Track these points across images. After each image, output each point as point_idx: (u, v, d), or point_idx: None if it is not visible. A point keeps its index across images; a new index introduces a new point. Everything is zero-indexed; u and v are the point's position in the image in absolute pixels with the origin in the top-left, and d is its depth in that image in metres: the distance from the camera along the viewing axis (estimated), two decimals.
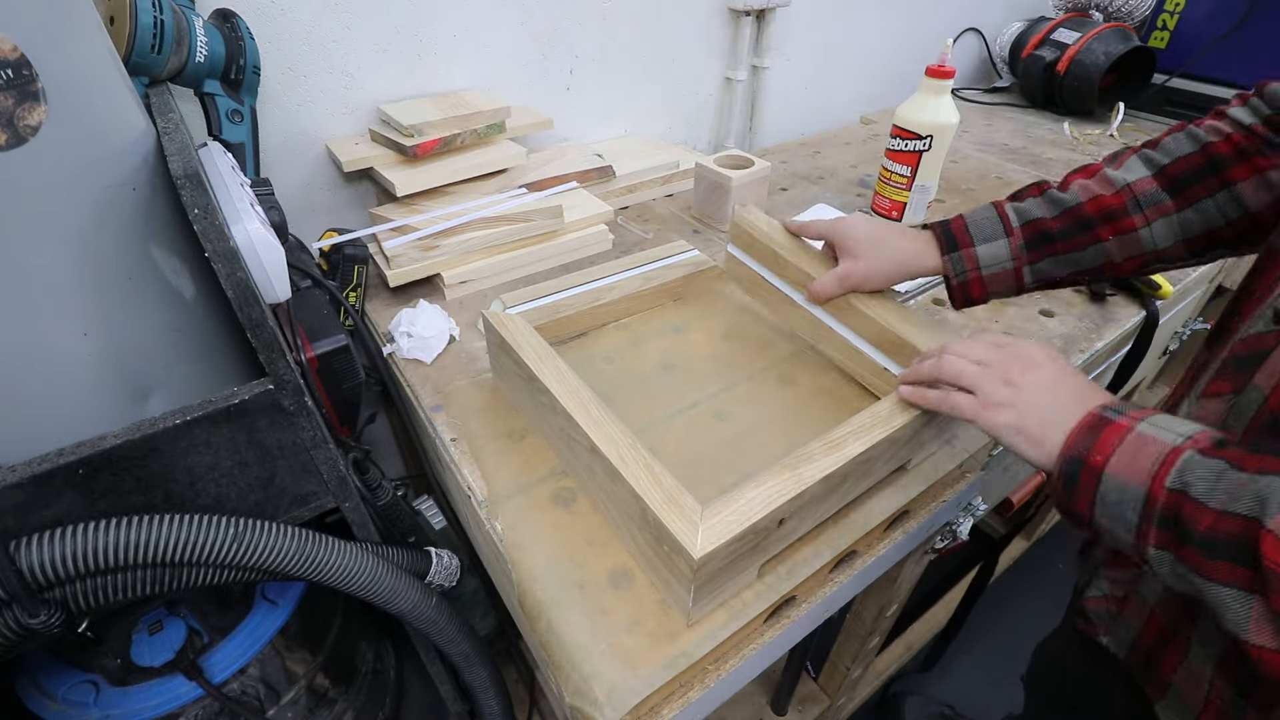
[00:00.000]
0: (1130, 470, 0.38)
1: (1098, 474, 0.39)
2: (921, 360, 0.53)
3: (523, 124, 0.94)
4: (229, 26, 0.69)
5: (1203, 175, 0.53)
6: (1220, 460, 0.35)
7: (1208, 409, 0.47)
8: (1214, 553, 0.34)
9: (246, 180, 0.56)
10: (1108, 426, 0.40)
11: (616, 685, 0.44)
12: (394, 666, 0.86)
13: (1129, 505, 0.38)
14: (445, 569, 0.66)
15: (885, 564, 0.61)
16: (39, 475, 0.38)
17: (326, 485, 0.52)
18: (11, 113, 0.35)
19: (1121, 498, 0.38)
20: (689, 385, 0.67)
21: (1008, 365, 0.47)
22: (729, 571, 0.46)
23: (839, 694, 1.13)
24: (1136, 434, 0.39)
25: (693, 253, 0.80)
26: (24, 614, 0.39)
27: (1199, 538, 0.35)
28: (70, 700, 0.55)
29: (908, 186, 1.00)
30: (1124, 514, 0.38)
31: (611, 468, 0.47)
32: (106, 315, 0.42)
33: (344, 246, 0.76)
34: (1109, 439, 0.40)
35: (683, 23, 1.15)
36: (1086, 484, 0.40)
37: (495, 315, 0.62)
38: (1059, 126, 1.48)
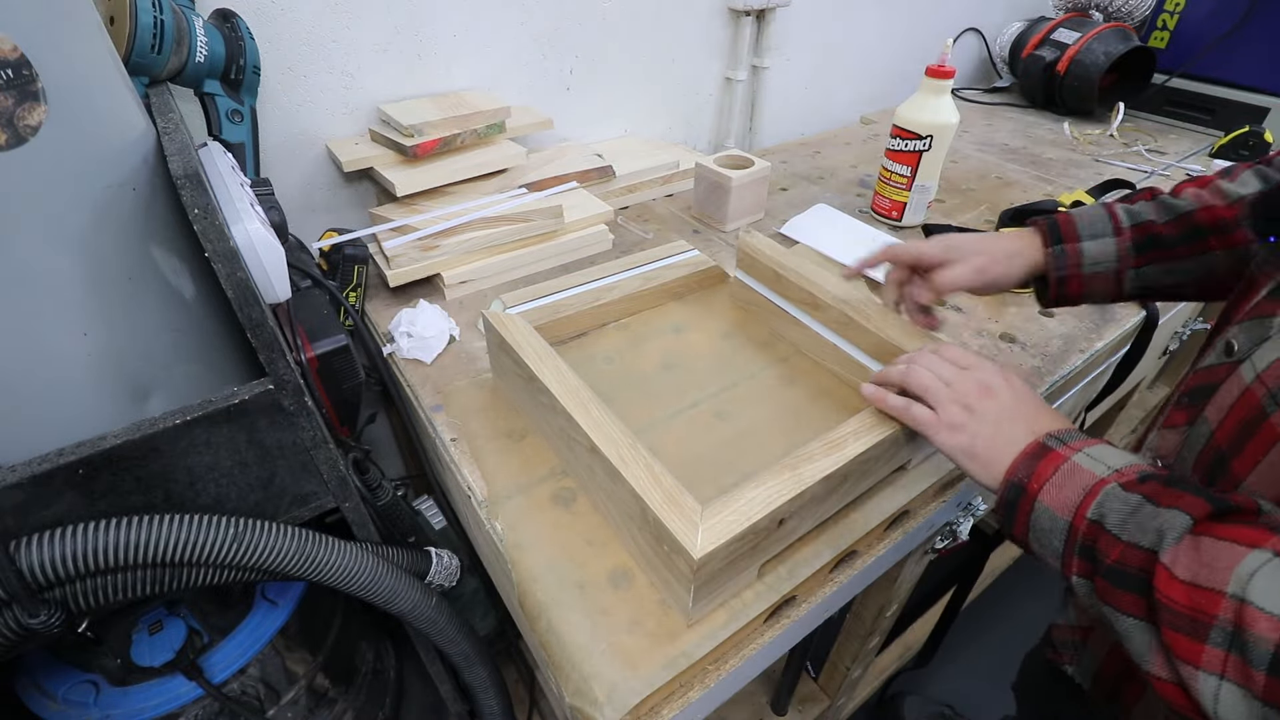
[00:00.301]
0: (1058, 501, 0.39)
1: (1032, 501, 0.41)
2: (893, 364, 0.53)
3: (523, 124, 0.94)
4: (229, 26, 0.69)
5: None
6: (1138, 495, 0.37)
7: (1166, 440, 0.48)
8: (1119, 583, 0.36)
9: (246, 180, 0.56)
10: (1046, 455, 0.42)
11: (616, 685, 0.44)
12: (394, 666, 0.86)
13: (1056, 534, 0.39)
14: (445, 569, 0.66)
15: (885, 564, 0.61)
16: (39, 475, 0.38)
17: (326, 485, 0.52)
18: (11, 113, 0.35)
19: (1050, 526, 0.40)
20: (689, 385, 0.67)
21: (968, 389, 0.47)
22: (729, 571, 0.46)
23: (839, 694, 1.13)
24: (1070, 464, 0.40)
25: (693, 253, 0.80)
26: (24, 614, 0.39)
27: (1107, 569, 0.36)
28: (70, 700, 0.55)
29: (908, 186, 1.00)
30: (1052, 542, 0.40)
31: (611, 468, 0.47)
32: (106, 315, 0.42)
33: (344, 246, 0.76)
34: (1046, 468, 0.41)
35: (683, 23, 1.15)
36: (1023, 510, 0.41)
37: (495, 315, 0.62)
38: (1059, 126, 1.48)
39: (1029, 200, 1.10)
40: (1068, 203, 1.03)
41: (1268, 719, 0.30)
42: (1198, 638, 0.32)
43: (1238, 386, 0.42)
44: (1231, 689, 0.31)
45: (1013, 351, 0.78)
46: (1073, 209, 0.61)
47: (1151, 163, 1.30)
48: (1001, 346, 0.78)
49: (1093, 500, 0.38)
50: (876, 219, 1.06)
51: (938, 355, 0.51)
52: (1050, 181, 1.21)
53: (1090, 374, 0.88)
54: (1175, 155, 1.34)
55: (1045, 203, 1.04)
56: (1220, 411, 0.43)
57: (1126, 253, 0.57)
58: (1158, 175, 1.25)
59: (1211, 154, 1.33)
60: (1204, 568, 0.33)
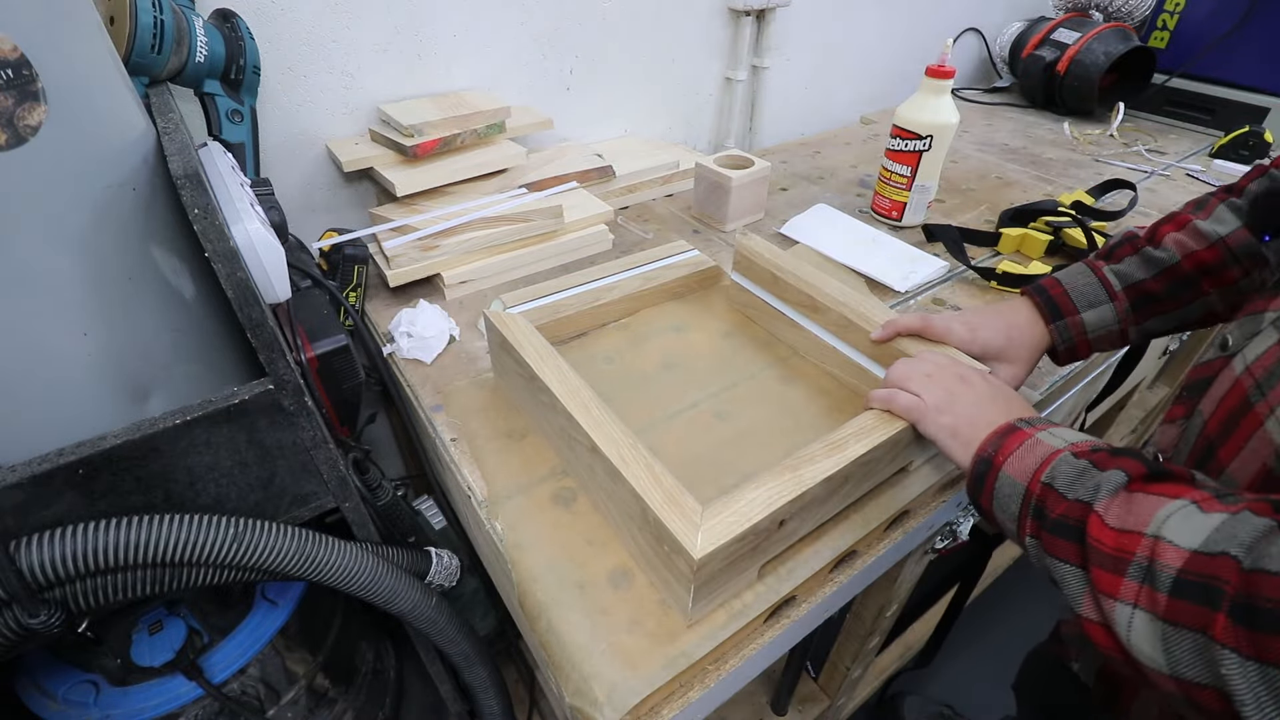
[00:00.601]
0: (1018, 469, 0.43)
1: (997, 472, 0.44)
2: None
3: (523, 124, 0.94)
4: (229, 26, 0.69)
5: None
6: (1086, 461, 0.40)
7: (1165, 434, 0.50)
8: (1059, 533, 0.39)
9: (246, 180, 0.56)
10: (1014, 433, 0.45)
11: (616, 685, 0.44)
12: (394, 666, 0.86)
13: (1015, 499, 0.43)
14: (445, 569, 0.66)
15: (885, 564, 0.61)
16: (39, 475, 0.38)
17: (326, 485, 0.52)
18: (11, 113, 0.35)
19: (1011, 492, 0.43)
20: (689, 385, 0.67)
21: (948, 379, 0.52)
22: (729, 572, 0.46)
23: (839, 694, 1.13)
24: (1033, 440, 0.44)
25: (692, 253, 0.80)
26: (24, 614, 0.39)
27: (1051, 523, 0.40)
28: (70, 700, 0.55)
29: (908, 186, 1.00)
30: (1010, 507, 0.43)
31: (612, 467, 0.47)
32: (106, 315, 0.42)
33: (344, 246, 0.76)
34: (1012, 444, 0.45)
35: (683, 23, 1.15)
36: (989, 481, 0.45)
37: (497, 315, 0.62)
38: (1059, 126, 1.48)
39: (1029, 200, 1.10)
40: (1067, 203, 1.03)
41: (1168, 637, 0.33)
42: (1118, 573, 0.35)
43: (1229, 379, 0.44)
44: (1141, 615, 0.34)
45: None
46: (1056, 273, 0.63)
47: (1151, 163, 1.30)
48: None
49: (1047, 466, 0.41)
50: (876, 219, 1.06)
51: (919, 357, 0.55)
52: (1050, 181, 1.21)
53: (1090, 374, 0.88)
54: (1175, 155, 1.34)
55: (1045, 203, 1.04)
56: (1213, 403, 0.45)
57: (1125, 314, 0.60)
58: (1158, 175, 1.25)
59: (1211, 154, 1.33)
60: (1131, 515, 0.36)
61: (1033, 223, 1.00)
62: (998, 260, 0.95)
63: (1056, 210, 1.00)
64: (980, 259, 0.95)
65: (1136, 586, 0.35)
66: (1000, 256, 0.97)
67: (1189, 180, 1.23)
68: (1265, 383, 0.41)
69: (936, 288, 0.89)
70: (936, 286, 0.89)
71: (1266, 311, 0.43)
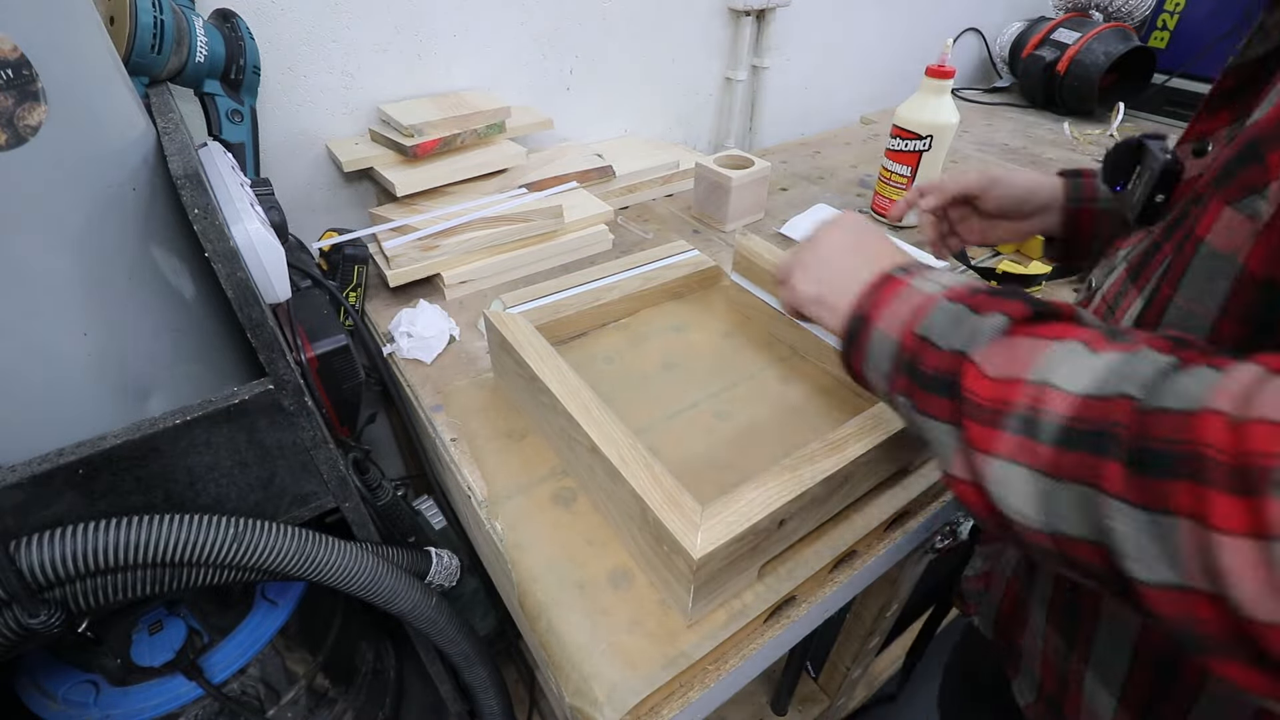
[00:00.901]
0: (891, 323, 0.39)
1: (870, 329, 0.41)
2: None
3: (523, 124, 0.94)
4: (229, 26, 0.69)
5: None
6: (963, 305, 0.36)
7: None
8: (930, 388, 0.36)
9: (246, 180, 0.56)
10: (887, 284, 0.41)
11: (616, 685, 0.44)
12: (394, 666, 0.86)
13: (886, 356, 0.39)
14: (445, 569, 0.66)
15: (885, 564, 0.61)
16: (39, 475, 0.38)
17: (326, 485, 0.52)
18: (11, 113, 0.35)
19: (882, 349, 0.39)
20: (689, 385, 0.67)
21: (814, 244, 0.48)
22: (729, 572, 0.46)
23: (839, 694, 1.13)
24: (908, 288, 0.40)
25: (692, 253, 0.80)
26: (24, 614, 0.39)
27: (923, 377, 0.36)
28: (70, 700, 0.55)
29: (908, 186, 1.00)
30: (882, 365, 0.40)
31: (612, 468, 0.47)
32: (106, 315, 0.42)
33: (344, 246, 0.76)
34: (885, 295, 0.41)
35: (683, 23, 1.15)
36: (861, 340, 0.41)
37: (497, 315, 0.62)
38: (1059, 126, 1.48)
39: None
40: None
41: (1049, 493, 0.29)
42: (994, 425, 0.32)
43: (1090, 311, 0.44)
44: (1018, 471, 0.30)
45: None
46: None
47: None
48: None
49: (922, 315, 0.38)
50: (877, 219, 1.06)
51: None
52: None
53: None
54: None
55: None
56: None
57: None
58: None
59: None
60: (1012, 362, 0.32)
61: None
62: (998, 260, 0.95)
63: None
64: (980, 259, 0.95)
65: (1015, 440, 0.31)
66: (1000, 256, 0.97)
67: None
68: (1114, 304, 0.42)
69: None
70: None
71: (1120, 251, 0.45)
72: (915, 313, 0.38)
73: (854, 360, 0.43)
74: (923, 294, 0.39)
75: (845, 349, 0.43)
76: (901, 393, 0.38)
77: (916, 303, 0.39)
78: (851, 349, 0.42)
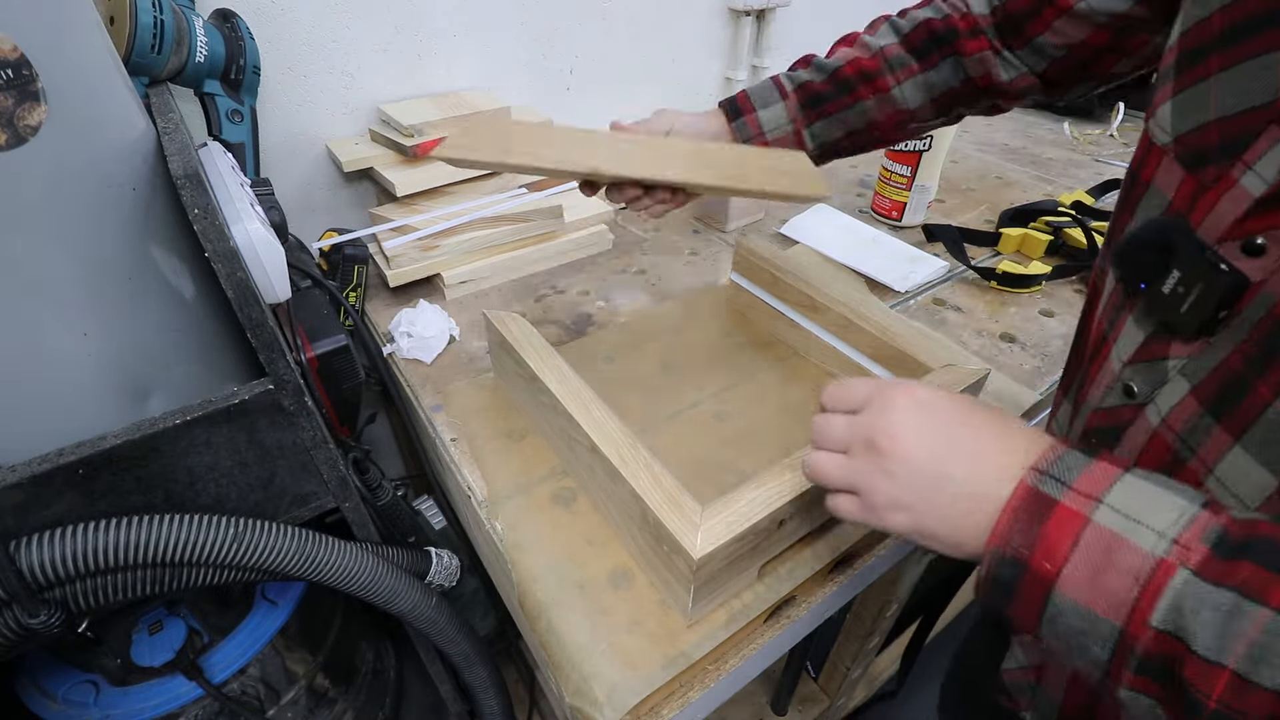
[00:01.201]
0: (1094, 596, 0.28)
1: (1047, 588, 0.29)
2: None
3: None
4: (229, 26, 0.69)
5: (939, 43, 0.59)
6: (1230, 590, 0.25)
7: None
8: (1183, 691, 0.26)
9: (246, 180, 0.56)
10: (1053, 513, 0.29)
11: (616, 685, 0.44)
12: (394, 666, 0.86)
13: (1095, 640, 0.28)
14: (445, 569, 0.66)
15: (885, 564, 0.61)
16: (39, 475, 0.38)
17: (326, 485, 0.52)
18: (11, 113, 0.35)
19: (1084, 627, 0.28)
20: (689, 385, 0.67)
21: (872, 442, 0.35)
22: (729, 572, 0.46)
23: (839, 694, 1.13)
24: (1097, 529, 0.28)
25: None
26: (24, 614, 0.39)
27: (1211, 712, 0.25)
28: (70, 700, 0.55)
29: (908, 186, 1.00)
30: (1088, 647, 0.28)
31: (612, 468, 0.47)
32: (106, 315, 0.42)
33: (344, 246, 0.76)
34: (1059, 537, 0.29)
35: (683, 23, 1.15)
36: (1030, 596, 0.29)
37: (497, 315, 0.62)
38: (1059, 126, 1.48)
39: (1029, 200, 1.10)
40: (1067, 203, 1.03)
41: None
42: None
43: (1145, 430, 0.37)
44: None
45: (1013, 351, 0.78)
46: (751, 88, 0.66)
47: None
48: (1002, 346, 0.78)
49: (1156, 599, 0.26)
50: (877, 219, 1.06)
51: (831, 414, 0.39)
52: (1050, 181, 1.21)
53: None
54: None
55: (1045, 203, 1.04)
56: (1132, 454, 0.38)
57: (796, 113, 0.64)
58: None
59: None
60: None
61: (1033, 223, 1.00)
62: (998, 260, 0.95)
63: (1056, 210, 1.00)
64: (980, 259, 0.95)
65: None
66: (1000, 256, 0.97)
67: None
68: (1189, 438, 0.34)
69: (936, 287, 0.89)
70: (936, 286, 0.89)
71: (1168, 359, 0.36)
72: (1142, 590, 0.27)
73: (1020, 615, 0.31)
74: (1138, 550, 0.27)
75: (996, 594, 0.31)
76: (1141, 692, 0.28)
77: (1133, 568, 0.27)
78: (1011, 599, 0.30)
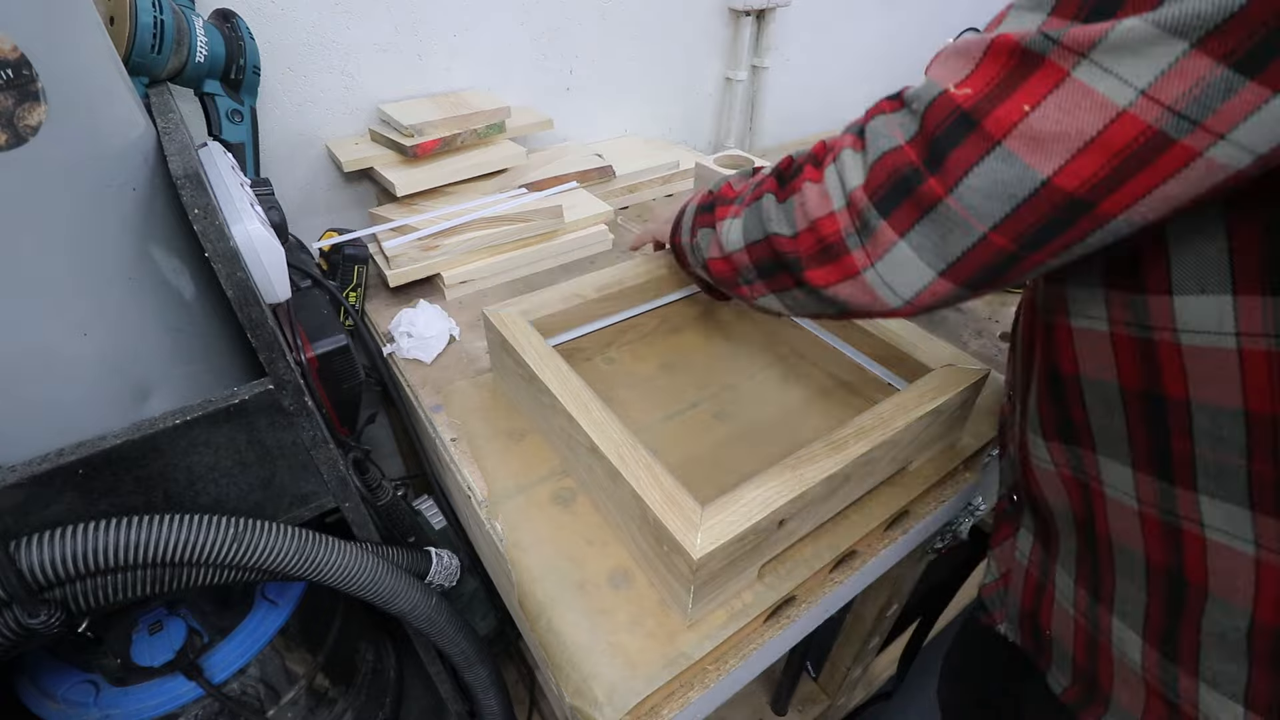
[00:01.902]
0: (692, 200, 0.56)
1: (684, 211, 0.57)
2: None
3: (523, 124, 0.94)
4: (229, 26, 0.69)
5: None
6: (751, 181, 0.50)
7: None
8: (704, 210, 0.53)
9: (246, 180, 0.56)
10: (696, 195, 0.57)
11: (616, 685, 0.44)
12: (394, 666, 0.86)
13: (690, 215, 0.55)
14: (445, 569, 0.66)
15: (885, 564, 0.61)
16: (39, 475, 0.38)
17: (326, 485, 0.52)
18: (11, 113, 0.35)
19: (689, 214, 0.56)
20: (689, 385, 0.67)
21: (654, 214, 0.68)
22: (729, 572, 0.46)
23: (839, 694, 1.13)
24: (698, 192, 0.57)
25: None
26: (24, 614, 0.39)
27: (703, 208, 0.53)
28: (70, 700, 0.55)
29: None
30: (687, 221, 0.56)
31: (611, 468, 0.47)
32: (106, 315, 0.42)
33: (344, 246, 0.76)
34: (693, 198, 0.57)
35: (683, 23, 1.15)
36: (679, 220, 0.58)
37: (497, 315, 0.62)
38: None
39: None
40: None
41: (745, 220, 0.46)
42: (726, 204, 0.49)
43: None
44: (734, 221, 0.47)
45: None
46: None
47: None
48: (1001, 346, 0.78)
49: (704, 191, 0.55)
50: None
51: None
52: None
53: None
54: None
55: None
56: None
57: None
58: None
59: None
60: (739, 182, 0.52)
61: None
62: None
63: None
64: None
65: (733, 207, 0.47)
66: None
67: None
68: None
69: None
70: None
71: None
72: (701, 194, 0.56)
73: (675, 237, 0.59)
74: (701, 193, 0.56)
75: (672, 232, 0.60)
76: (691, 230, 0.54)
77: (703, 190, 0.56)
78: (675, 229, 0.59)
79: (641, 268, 0.70)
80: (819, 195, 0.38)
